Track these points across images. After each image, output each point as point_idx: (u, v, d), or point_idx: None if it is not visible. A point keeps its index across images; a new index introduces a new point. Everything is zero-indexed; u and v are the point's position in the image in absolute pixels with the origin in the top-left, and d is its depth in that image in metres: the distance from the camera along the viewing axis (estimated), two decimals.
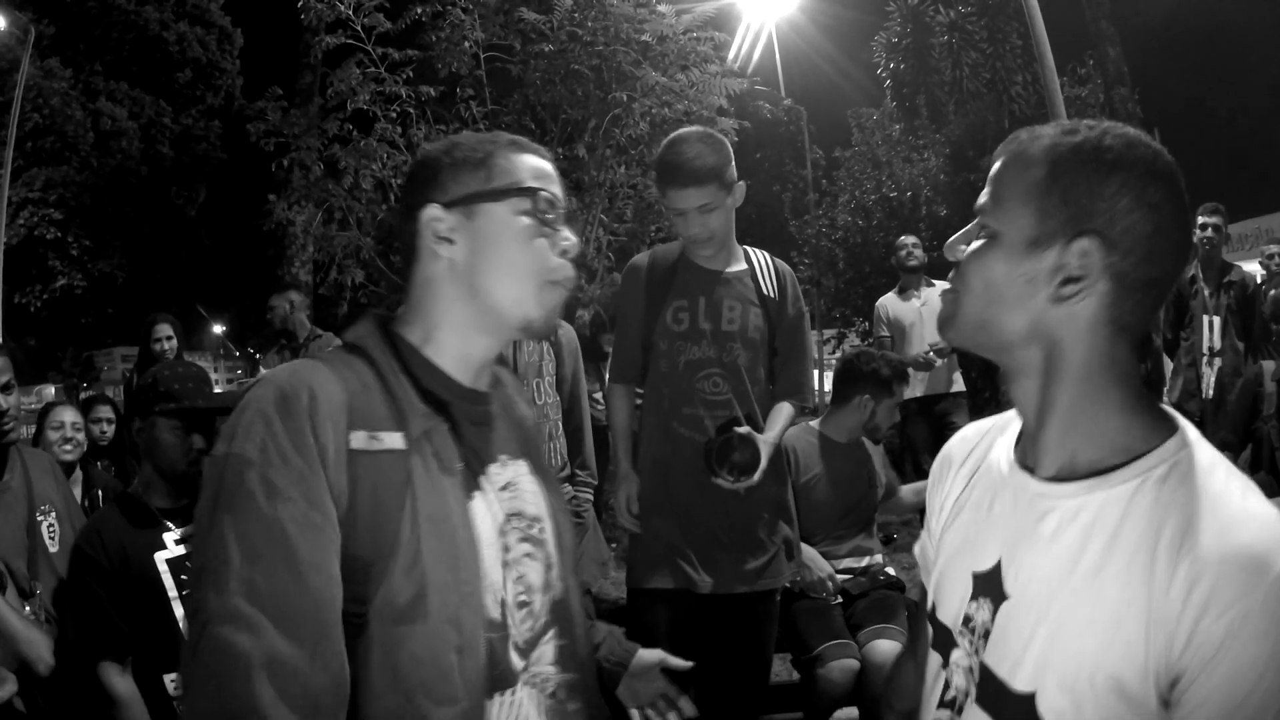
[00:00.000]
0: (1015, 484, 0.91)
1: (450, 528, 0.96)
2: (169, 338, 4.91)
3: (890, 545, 4.38)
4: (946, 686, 0.94)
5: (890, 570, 3.01)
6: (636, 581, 2.28)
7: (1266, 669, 0.73)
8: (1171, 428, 0.85)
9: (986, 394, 10.06)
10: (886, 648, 2.59)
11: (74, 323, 21.58)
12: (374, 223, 5.63)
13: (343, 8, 5.38)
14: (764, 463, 2.13)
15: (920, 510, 5.08)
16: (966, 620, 0.92)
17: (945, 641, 0.95)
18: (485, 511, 1.03)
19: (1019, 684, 0.84)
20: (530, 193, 1.05)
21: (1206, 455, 0.82)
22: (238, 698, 0.82)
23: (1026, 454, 0.91)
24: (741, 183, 2.25)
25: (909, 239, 5.59)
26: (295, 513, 0.88)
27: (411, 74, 5.53)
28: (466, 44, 5.53)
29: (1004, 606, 0.87)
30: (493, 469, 1.07)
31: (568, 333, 3.32)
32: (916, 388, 5.28)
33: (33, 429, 3.74)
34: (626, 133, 5.53)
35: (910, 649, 1.13)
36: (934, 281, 5.43)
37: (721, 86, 5.67)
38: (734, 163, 2.22)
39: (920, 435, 5.32)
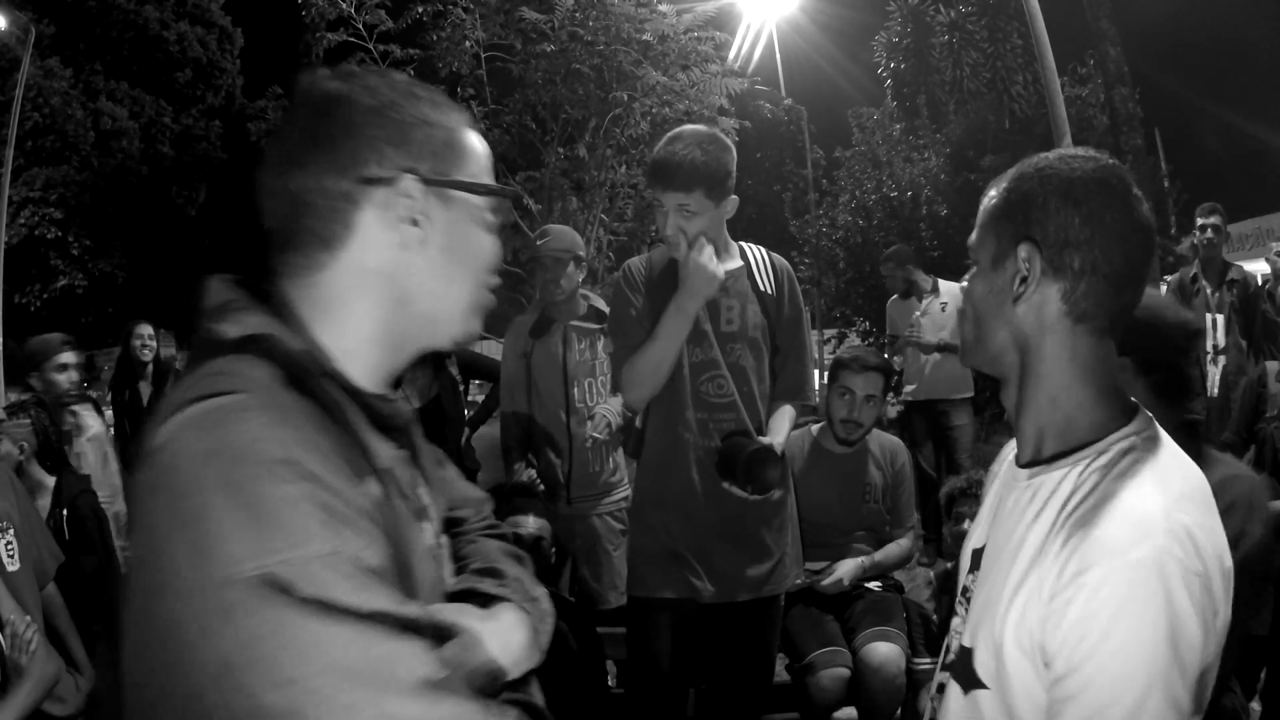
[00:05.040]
0: (1007, 473, 1.08)
1: (426, 565, 0.83)
2: (150, 336, 4.88)
3: None
4: (947, 650, 1.08)
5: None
6: (638, 589, 2.24)
7: (1126, 653, 0.82)
8: (1127, 420, 0.96)
9: (987, 394, 10.06)
10: (883, 650, 2.59)
11: (74, 322, 21.53)
12: None
13: (344, 6, 5.39)
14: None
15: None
16: (964, 591, 1.08)
17: (953, 612, 1.11)
18: (430, 534, 0.88)
19: (965, 640, 1.01)
20: (508, 195, 0.89)
21: (1152, 446, 0.94)
22: None
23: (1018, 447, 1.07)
24: (734, 197, 2.16)
25: (889, 264, 5.61)
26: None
27: (412, 73, 5.51)
28: (467, 43, 5.53)
29: (977, 577, 1.05)
30: (421, 487, 0.90)
31: None
32: (920, 390, 5.36)
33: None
34: (627, 132, 5.54)
35: None
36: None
37: (722, 86, 5.68)
38: (732, 172, 2.11)
39: (921, 432, 5.43)
